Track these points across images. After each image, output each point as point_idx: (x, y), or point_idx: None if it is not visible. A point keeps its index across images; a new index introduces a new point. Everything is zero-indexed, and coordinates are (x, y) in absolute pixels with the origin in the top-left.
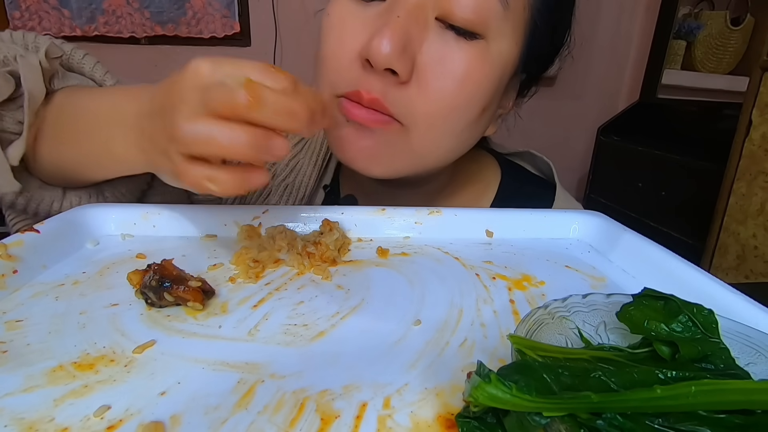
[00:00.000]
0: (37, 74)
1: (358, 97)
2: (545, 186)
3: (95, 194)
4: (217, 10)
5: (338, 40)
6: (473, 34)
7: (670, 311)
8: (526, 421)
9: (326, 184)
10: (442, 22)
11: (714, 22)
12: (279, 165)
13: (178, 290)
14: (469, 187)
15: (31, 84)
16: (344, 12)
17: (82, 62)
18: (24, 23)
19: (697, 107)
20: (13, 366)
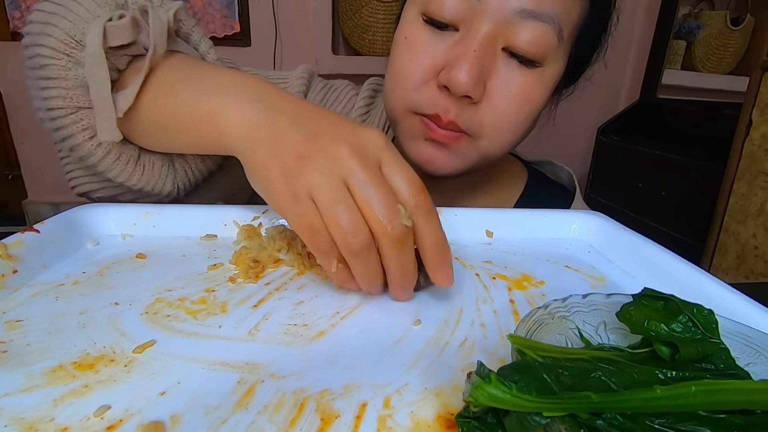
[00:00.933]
0: (164, 31)
1: (437, 119)
2: (564, 192)
3: (167, 163)
4: (217, 10)
5: (415, 63)
6: (533, 62)
7: (670, 311)
8: (526, 421)
9: None
10: (507, 52)
11: (714, 22)
12: None
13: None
14: (501, 183)
15: (157, 38)
16: (422, 38)
17: (191, 31)
18: (24, 23)
19: (697, 107)
20: (13, 366)
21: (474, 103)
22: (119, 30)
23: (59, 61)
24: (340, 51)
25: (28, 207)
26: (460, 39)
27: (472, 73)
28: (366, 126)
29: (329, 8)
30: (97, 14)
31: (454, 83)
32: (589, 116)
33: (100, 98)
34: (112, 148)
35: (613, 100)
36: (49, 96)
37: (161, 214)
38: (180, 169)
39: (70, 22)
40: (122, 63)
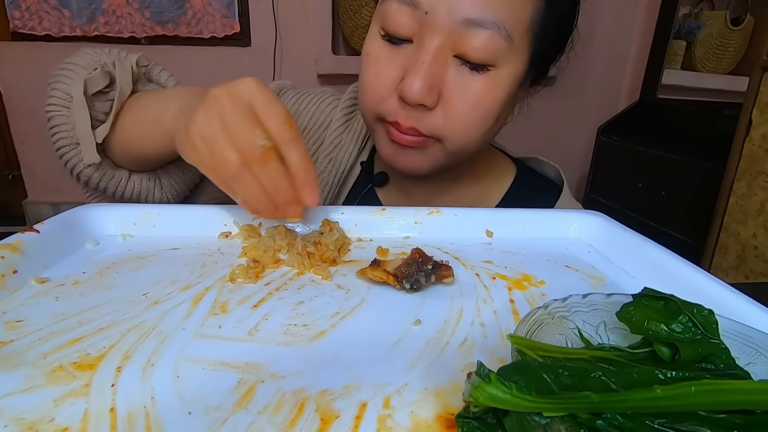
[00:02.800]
0: (128, 75)
1: (397, 125)
2: (552, 186)
3: (153, 178)
4: (217, 10)
5: (376, 76)
6: (484, 66)
7: (670, 311)
8: (526, 421)
9: (363, 160)
10: (458, 59)
11: (714, 22)
12: (326, 140)
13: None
14: (486, 176)
15: (123, 81)
16: (381, 52)
17: (159, 75)
18: (24, 23)
19: (697, 107)
20: (13, 366)
21: (430, 109)
22: (94, 79)
23: (60, 113)
24: (340, 51)
25: (28, 207)
26: (413, 51)
27: (423, 84)
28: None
29: (329, 8)
30: (83, 75)
31: (407, 94)
32: (589, 116)
33: (83, 131)
34: (105, 171)
35: (613, 100)
36: (56, 139)
37: (161, 214)
38: (166, 182)
39: (65, 84)
40: (107, 107)
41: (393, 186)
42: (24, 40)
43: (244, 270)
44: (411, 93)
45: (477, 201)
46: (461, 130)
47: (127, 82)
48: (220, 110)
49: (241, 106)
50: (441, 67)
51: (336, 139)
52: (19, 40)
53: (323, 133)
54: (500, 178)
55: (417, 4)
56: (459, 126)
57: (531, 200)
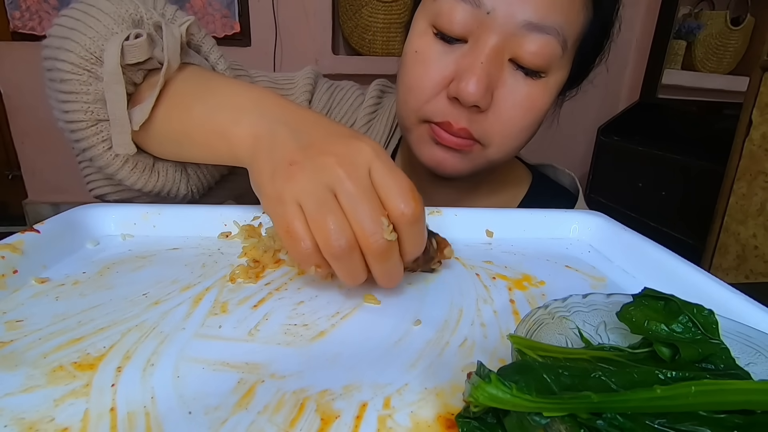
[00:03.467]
0: (177, 46)
1: (448, 126)
2: (566, 194)
3: (180, 169)
4: (217, 10)
5: (426, 75)
6: (538, 73)
7: (671, 311)
8: (526, 421)
9: None
10: (513, 63)
11: (714, 22)
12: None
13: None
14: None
15: (171, 54)
16: (432, 51)
17: (202, 41)
18: (24, 23)
19: (697, 107)
20: (13, 366)
21: (482, 111)
22: (136, 48)
23: (80, 77)
24: (340, 51)
25: (28, 207)
26: (469, 51)
27: (480, 84)
28: (360, 135)
29: (329, 8)
30: (115, 31)
31: (463, 94)
32: (589, 116)
33: (116, 113)
34: (129, 158)
35: (613, 100)
36: (70, 109)
37: (161, 214)
38: (193, 174)
39: (89, 38)
40: (138, 77)
41: None
42: (24, 40)
43: (244, 270)
44: (468, 94)
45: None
46: (509, 135)
47: (175, 56)
48: (333, 179)
49: (360, 179)
50: (497, 69)
51: None
52: (19, 40)
53: None
54: (517, 186)
55: (479, 3)
56: (508, 131)
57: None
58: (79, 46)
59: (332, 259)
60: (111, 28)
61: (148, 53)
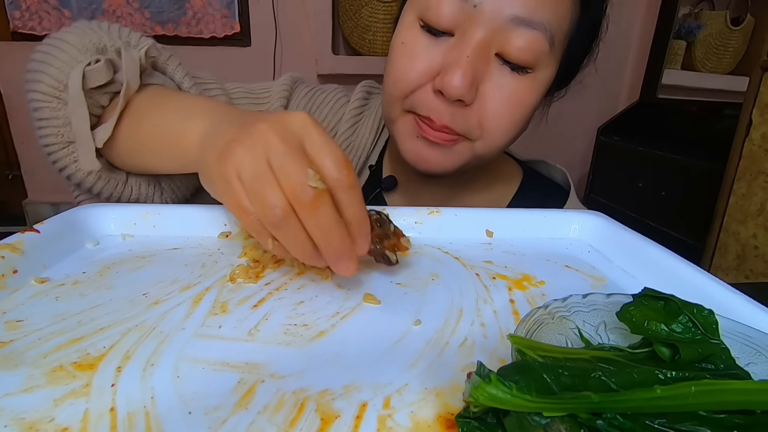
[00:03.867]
0: (136, 68)
1: (430, 121)
2: (559, 191)
3: (153, 183)
4: (217, 10)
5: (411, 66)
6: (525, 68)
7: (670, 311)
8: (526, 421)
9: (371, 164)
10: (500, 58)
11: (714, 22)
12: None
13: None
14: (495, 181)
15: (130, 75)
16: (418, 43)
17: (167, 63)
18: (24, 23)
19: (697, 107)
20: (13, 366)
21: (466, 106)
22: (96, 72)
23: (50, 104)
24: (340, 51)
25: (28, 207)
26: (455, 44)
27: (465, 78)
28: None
29: (329, 8)
30: (79, 59)
31: (448, 88)
32: (589, 116)
33: (80, 133)
34: (102, 175)
35: (613, 100)
36: (44, 134)
37: (161, 214)
38: (167, 187)
39: (56, 69)
40: (105, 100)
41: (401, 190)
42: (24, 40)
43: (244, 270)
44: (452, 87)
45: (484, 205)
46: (495, 131)
47: (134, 77)
48: (267, 146)
49: (291, 143)
50: (483, 63)
51: (344, 143)
52: (19, 40)
53: (333, 135)
54: (508, 183)
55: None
56: (493, 126)
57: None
58: (48, 76)
59: (273, 229)
60: (76, 57)
61: (108, 76)
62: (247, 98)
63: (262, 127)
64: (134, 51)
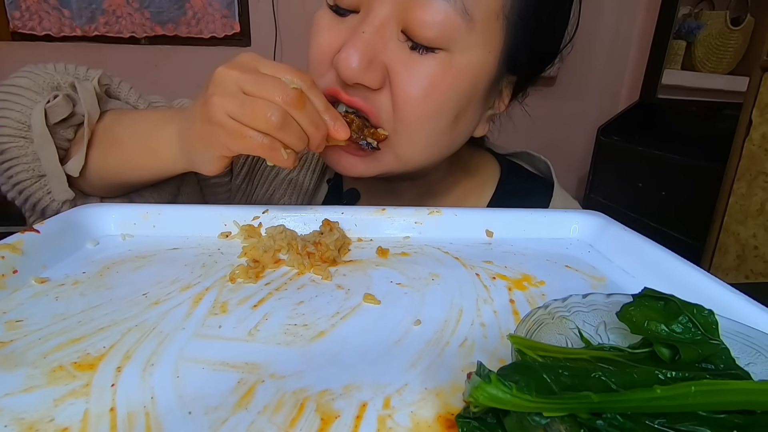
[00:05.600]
0: (93, 98)
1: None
2: (544, 184)
3: (126, 201)
4: (217, 10)
5: (317, 48)
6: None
7: (670, 312)
8: (526, 421)
9: (329, 178)
10: (406, 35)
11: (714, 22)
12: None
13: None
14: (467, 180)
15: (89, 106)
16: (325, 22)
17: (119, 89)
18: (24, 23)
19: (697, 107)
20: (13, 366)
21: (374, 90)
22: (57, 108)
23: (17, 143)
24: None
25: None
26: (358, 22)
27: (360, 56)
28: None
29: None
30: (37, 100)
31: (341, 66)
32: (589, 116)
33: (50, 167)
34: (77, 202)
35: (613, 100)
36: (14, 173)
37: (161, 214)
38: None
39: (17, 112)
40: (70, 133)
41: (365, 203)
42: (24, 40)
43: (244, 270)
44: (345, 67)
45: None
46: (411, 119)
47: (93, 107)
48: (236, 80)
49: (252, 70)
50: (384, 40)
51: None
52: (19, 40)
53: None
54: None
55: None
56: (405, 113)
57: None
58: (9, 119)
59: (278, 132)
60: (33, 98)
61: (68, 110)
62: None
63: (220, 70)
64: (87, 82)
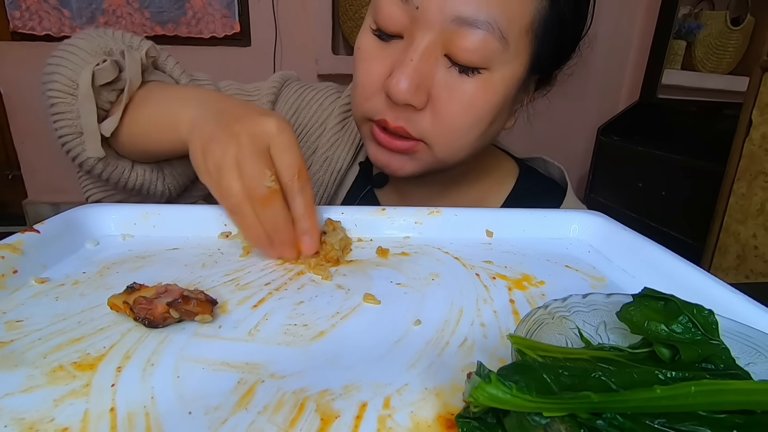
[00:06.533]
0: (138, 67)
1: (384, 123)
2: (557, 188)
3: (156, 170)
4: (217, 10)
5: (366, 73)
6: (476, 69)
7: (670, 312)
8: (526, 421)
9: (362, 161)
10: (449, 59)
11: (714, 22)
12: (323, 138)
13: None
14: (487, 178)
15: (132, 73)
16: (371, 48)
17: (165, 62)
18: (24, 23)
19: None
20: (13, 366)
21: (419, 110)
22: (103, 71)
23: (65, 100)
24: (340, 51)
25: (28, 207)
26: (403, 48)
27: (409, 82)
28: (271, 113)
29: (329, 8)
30: (89, 61)
31: (393, 91)
32: (589, 116)
33: (88, 124)
34: (109, 162)
35: (613, 100)
36: (59, 126)
37: (161, 214)
38: (168, 174)
39: (70, 70)
40: (112, 96)
41: (391, 187)
42: (24, 40)
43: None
44: (397, 91)
45: (477, 204)
46: (450, 134)
47: (136, 75)
48: (237, 147)
49: (258, 146)
50: (430, 66)
51: (332, 138)
52: (19, 40)
53: (322, 130)
54: (502, 181)
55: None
56: (447, 130)
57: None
58: (62, 76)
59: (231, 213)
60: (86, 59)
61: (113, 74)
62: (239, 95)
63: (237, 128)
64: (136, 52)
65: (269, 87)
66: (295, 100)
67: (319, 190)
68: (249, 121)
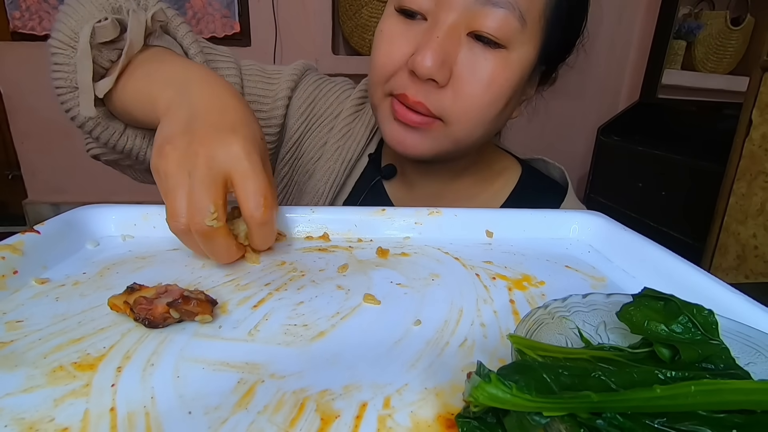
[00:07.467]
0: (141, 29)
1: (404, 98)
2: (557, 187)
3: (148, 138)
4: (217, 10)
5: (388, 53)
6: (497, 44)
7: (670, 312)
8: (526, 421)
9: (371, 152)
10: (472, 36)
11: (714, 22)
12: (335, 128)
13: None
14: (491, 172)
15: (134, 35)
16: (394, 28)
17: (177, 28)
18: (24, 23)
19: (697, 107)
20: (13, 366)
21: (441, 87)
22: (103, 29)
23: (65, 51)
24: (340, 51)
25: (28, 207)
26: (428, 28)
27: (435, 58)
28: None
29: (329, 8)
30: (96, 16)
31: (418, 67)
32: (589, 116)
33: (82, 81)
34: (100, 122)
35: (613, 100)
36: (56, 77)
37: (161, 214)
38: None
39: (74, 21)
40: (114, 55)
41: (399, 179)
42: (24, 40)
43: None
44: (422, 66)
45: (482, 198)
46: (469, 111)
47: (138, 37)
48: (192, 168)
49: (212, 173)
50: (454, 44)
51: (345, 128)
52: (19, 40)
53: (334, 121)
54: (505, 178)
55: None
56: (468, 106)
57: (535, 201)
58: (66, 27)
59: (175, 234)
60: (93, 13)
61: (114, 34)
62: (259, 76)
63: (197, 147)
64: (141, 13)
65: (290, 74)
66: (312, 91)
67: (330, 177)
68: (213, 141)
